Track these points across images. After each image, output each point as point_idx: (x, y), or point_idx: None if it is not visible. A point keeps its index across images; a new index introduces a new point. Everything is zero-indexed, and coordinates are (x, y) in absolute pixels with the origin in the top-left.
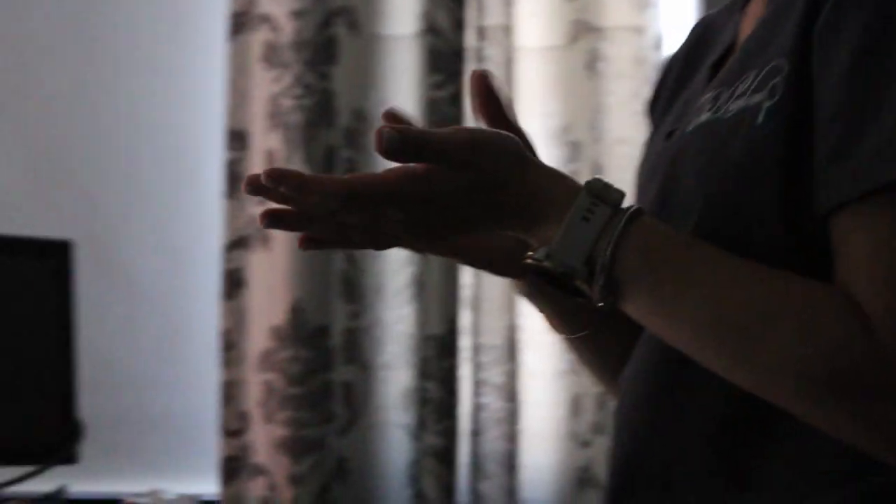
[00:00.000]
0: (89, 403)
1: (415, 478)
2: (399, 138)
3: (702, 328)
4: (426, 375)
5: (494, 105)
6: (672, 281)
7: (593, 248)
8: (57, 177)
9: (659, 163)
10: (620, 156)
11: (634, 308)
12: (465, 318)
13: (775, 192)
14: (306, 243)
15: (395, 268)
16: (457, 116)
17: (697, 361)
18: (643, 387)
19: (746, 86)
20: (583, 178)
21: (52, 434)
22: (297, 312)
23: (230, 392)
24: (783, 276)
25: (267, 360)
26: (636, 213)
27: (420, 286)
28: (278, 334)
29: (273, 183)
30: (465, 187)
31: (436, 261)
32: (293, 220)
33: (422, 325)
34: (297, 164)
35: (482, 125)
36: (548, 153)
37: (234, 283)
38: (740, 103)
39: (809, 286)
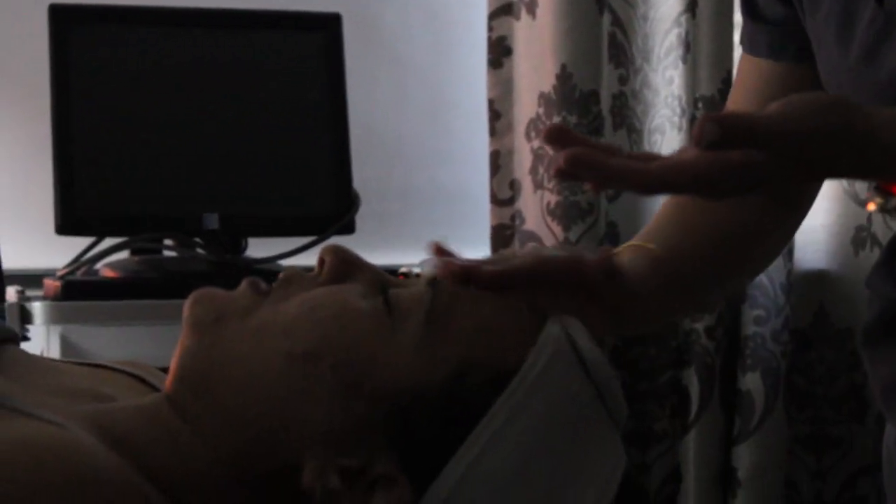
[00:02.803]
0: (359, 176)
1: None
2: (720, 132)
3: None
4: None
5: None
6: None
7: None
8: None
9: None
10: None
11: None
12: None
13: None
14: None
15: (664, 28)
16: None
17: None
18: None
19: None
20: None
21: (329, 205)
22: (564, 78)
23: (499, 161)
24: None
25: (535, 127)
26: None
27: (689, 47)
28: (547, 101)
29: (575, 168)
30: (798, 169)
31: (705, 20)
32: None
33: (692, 87)
34: None
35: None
36: None
37: (500, 51)
38: None
39: None
